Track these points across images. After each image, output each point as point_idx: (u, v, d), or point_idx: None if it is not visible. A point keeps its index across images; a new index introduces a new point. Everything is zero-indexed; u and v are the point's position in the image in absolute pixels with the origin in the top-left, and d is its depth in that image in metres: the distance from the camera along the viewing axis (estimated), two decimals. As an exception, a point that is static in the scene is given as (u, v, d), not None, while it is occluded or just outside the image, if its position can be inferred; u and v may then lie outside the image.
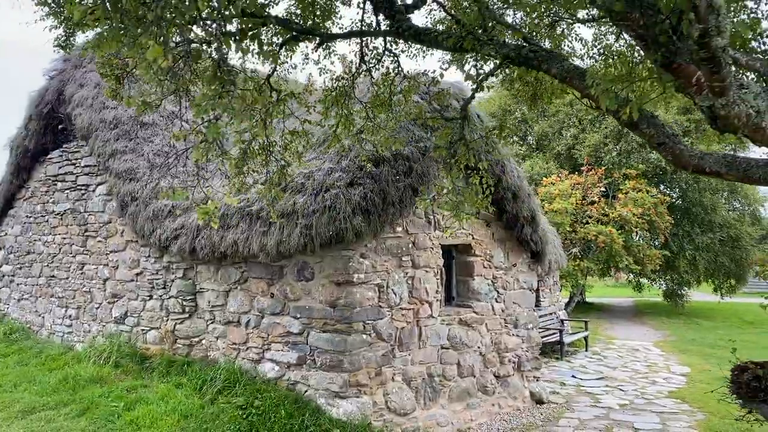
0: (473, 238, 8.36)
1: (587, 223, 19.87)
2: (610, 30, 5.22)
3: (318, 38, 4.13)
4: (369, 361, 6.78)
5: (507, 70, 5.74)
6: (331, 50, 5.37)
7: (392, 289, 7.12)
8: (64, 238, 9.92)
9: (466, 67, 4.35)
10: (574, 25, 5.09)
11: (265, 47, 2.89)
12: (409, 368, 7.29)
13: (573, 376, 11.49)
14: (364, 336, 6.75)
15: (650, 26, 2.32)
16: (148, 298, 8.49)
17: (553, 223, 19.21)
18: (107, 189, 8.98)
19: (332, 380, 6.63)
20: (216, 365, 7.40)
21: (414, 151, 7.03)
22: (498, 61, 3.82)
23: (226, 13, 2.74)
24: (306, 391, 6.82)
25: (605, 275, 24.98)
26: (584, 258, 19.86)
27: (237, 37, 2.81)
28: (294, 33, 4.03)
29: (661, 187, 23.52)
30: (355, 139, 5.04)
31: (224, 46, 2.55)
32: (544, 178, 21.58)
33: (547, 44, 5.00)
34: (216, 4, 2.62)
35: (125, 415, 6.53)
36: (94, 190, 9.39)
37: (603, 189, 20.89)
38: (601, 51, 5.38)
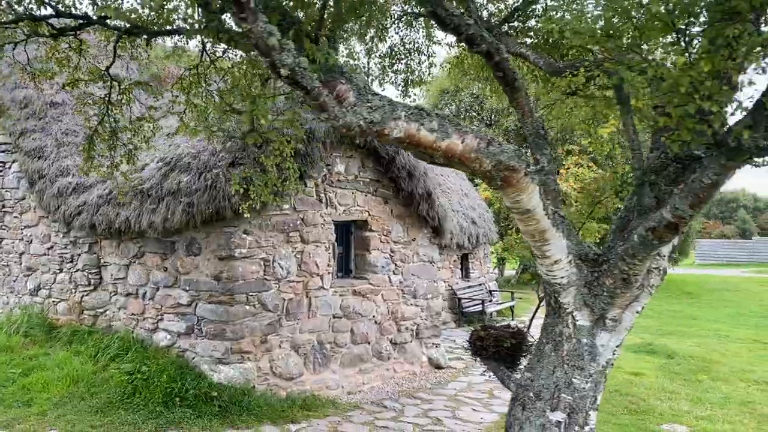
0: (370, 215, 8.81)
1: (530, 197, 20.43)
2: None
3: (145, 35, 4.49)
4: (253, 330, 7.27)
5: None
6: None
7: (279, 263, 7.58)
8: (-15, 214, 10.19)
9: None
10: None
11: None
12: (298, 336, 7.80)
13: (487, 344, 12.15)
14: (248, 307, 7.22)
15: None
16: (58, 271, 8.87)
17: (495, 197, 19.73)
18: (19, 166, 9.25)
19: (216, 348, 7.12)
20: (115, 334, 7.85)
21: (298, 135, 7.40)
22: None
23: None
24: (193, 358, 7.32)
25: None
26: (527, 231, 20.47)
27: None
28: (119, 31, 4.40)
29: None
30: (204, 126, 5.41)
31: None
32: (492, 154, 22.08)
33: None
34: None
35: (20, 381, 6.98)
36: (9, 168, 9.64)
37: (547, 164, 21.45)
38: None
